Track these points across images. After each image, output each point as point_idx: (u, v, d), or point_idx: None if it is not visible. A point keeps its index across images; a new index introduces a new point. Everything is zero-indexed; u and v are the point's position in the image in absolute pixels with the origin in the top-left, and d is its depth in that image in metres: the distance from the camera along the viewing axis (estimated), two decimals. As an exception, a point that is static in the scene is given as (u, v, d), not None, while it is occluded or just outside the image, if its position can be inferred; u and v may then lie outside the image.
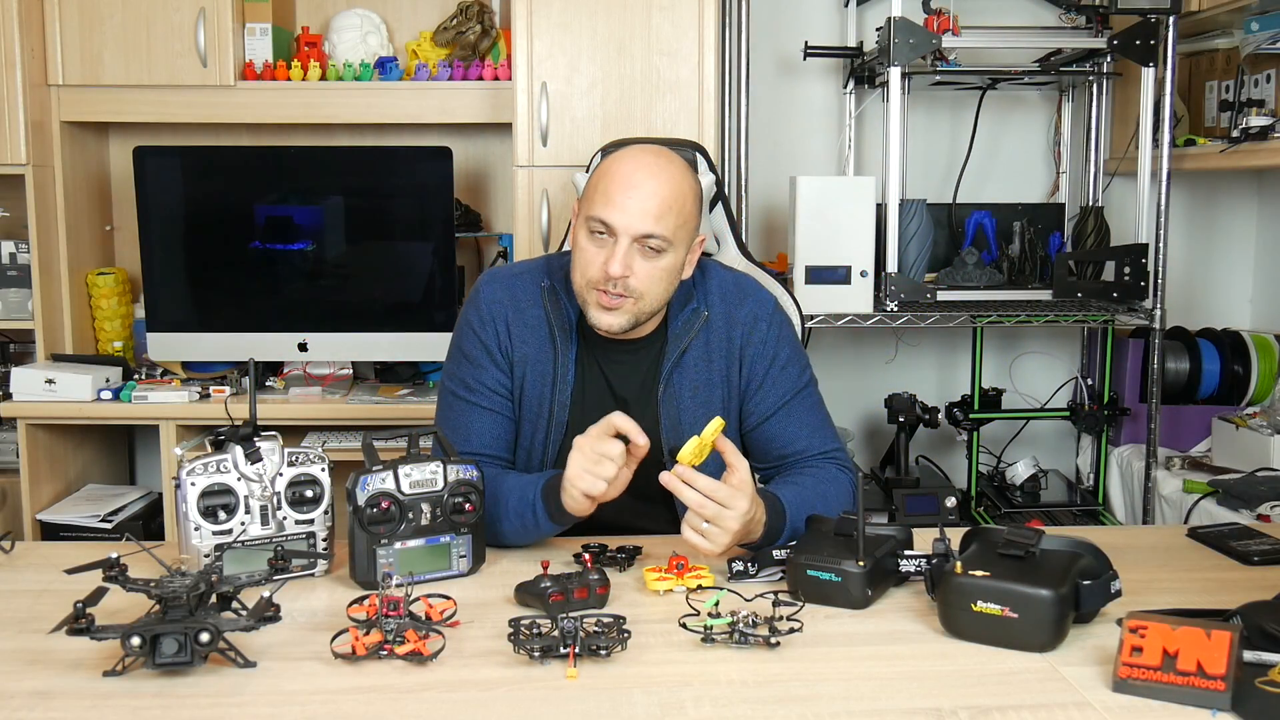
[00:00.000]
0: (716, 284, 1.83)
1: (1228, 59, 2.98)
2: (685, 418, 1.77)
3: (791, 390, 1.81)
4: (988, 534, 1.45)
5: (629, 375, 1.80)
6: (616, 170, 1.67)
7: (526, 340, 1.78)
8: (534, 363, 1.77)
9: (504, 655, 1.30)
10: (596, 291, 1.67)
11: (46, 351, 2.95)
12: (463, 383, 1.78)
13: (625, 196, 1.64)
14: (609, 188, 1.66)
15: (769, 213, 3.31)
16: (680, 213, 1.67)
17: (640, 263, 1.66)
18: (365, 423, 2.88)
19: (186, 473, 1.51)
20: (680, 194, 1.67)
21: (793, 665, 1.28)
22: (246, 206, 2.98)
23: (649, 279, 1.67)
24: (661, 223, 1.64)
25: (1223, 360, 3.13)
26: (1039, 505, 3.12)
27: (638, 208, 1.63)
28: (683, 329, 1.78)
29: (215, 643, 1.23)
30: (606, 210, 1.64)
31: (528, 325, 1.78)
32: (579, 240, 1.69)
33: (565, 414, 1.77)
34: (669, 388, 1.77)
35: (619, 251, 1.64)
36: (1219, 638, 1.18)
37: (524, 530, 1.67)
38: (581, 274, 1.69)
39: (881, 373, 3.42)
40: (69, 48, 2.88)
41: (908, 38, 2.77)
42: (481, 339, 1.78)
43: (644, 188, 1.64)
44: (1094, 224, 3.12)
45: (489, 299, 1.79)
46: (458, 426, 1.76)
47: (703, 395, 1.78)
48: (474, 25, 3.05)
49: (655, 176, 1.66)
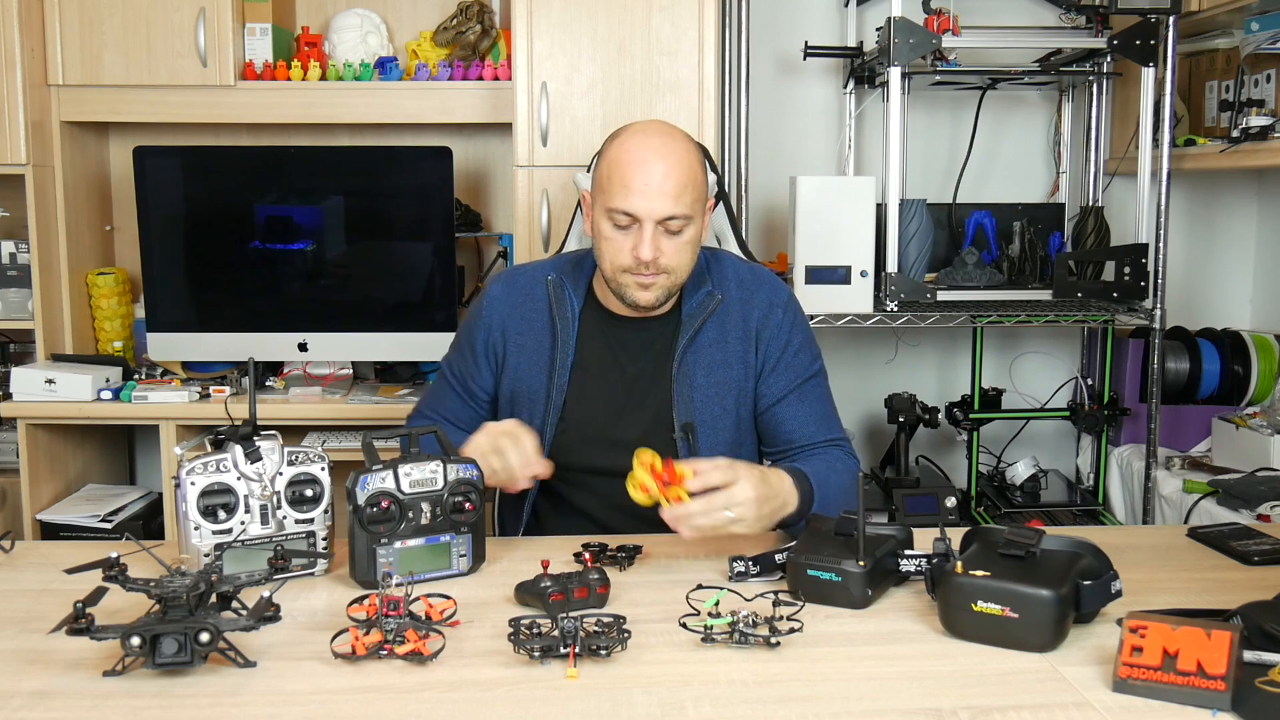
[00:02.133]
0: (732, 271, 1.89)
1: (1228, 59, 2.98)
2: (698, 395, 1.82)
3: (802, 377, 1.85)
4: (988, 534, 1.45)
5: (641, 352, 1.85)
6: (628, 159, 1.72)
7: (523, 332, 1.86)
8: (530, 351, 1.85)
9: (504, 655, 1.30)
10: (629, 275, 1.74)
11: (46, 351, 2.95)
12: (455, 371, 1.94)
13: (643, 184, 1.70)
14: (625, 177, 1.71)
15: (769, 213, 3.31)
16: (694, 185, 1.73)
17: (666, 242, 1.73)
18: (365, 423, 2.88)
19: (186, 472, 1.51)
20: (690, 167, 1.73)
21: (793, 665, 1.28)
22: (246, 206, 2.98)
23: (677, 255, 1.74)
24: (680, 201, 1.71)
25: (1223, 360, 3.13)
26: (1039, 505, 3.12)
27: (656, 192, 1.70)
28: (697, 309, 1.84)
29: (215, 643, 1.23)
30: (627, 201, 1.70)
31: (524, 318, 1.86)
32: (603, 231, 1.75)
33: (562, 396, 1.83)
34: (683, 365, 1.82)
35: (646, 236, 1.71)
36: (1219, 638, 1.18)
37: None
38: (611, 262, 1.75)
39: (881, 373, 3.42)
40: (69, 48, 2.88)
41: (908, 38, 2.77)
42: (477, 337, 1.89)
43: (658, 171, 1.70)
44: (1094, 224, 3.12)
45: (491, 297, 1.90)
46: (440, 394, 1.96)
47: (718, 374, 1.83)
48: (474, 25, 3.05)
49: (665, 158, 1.71)
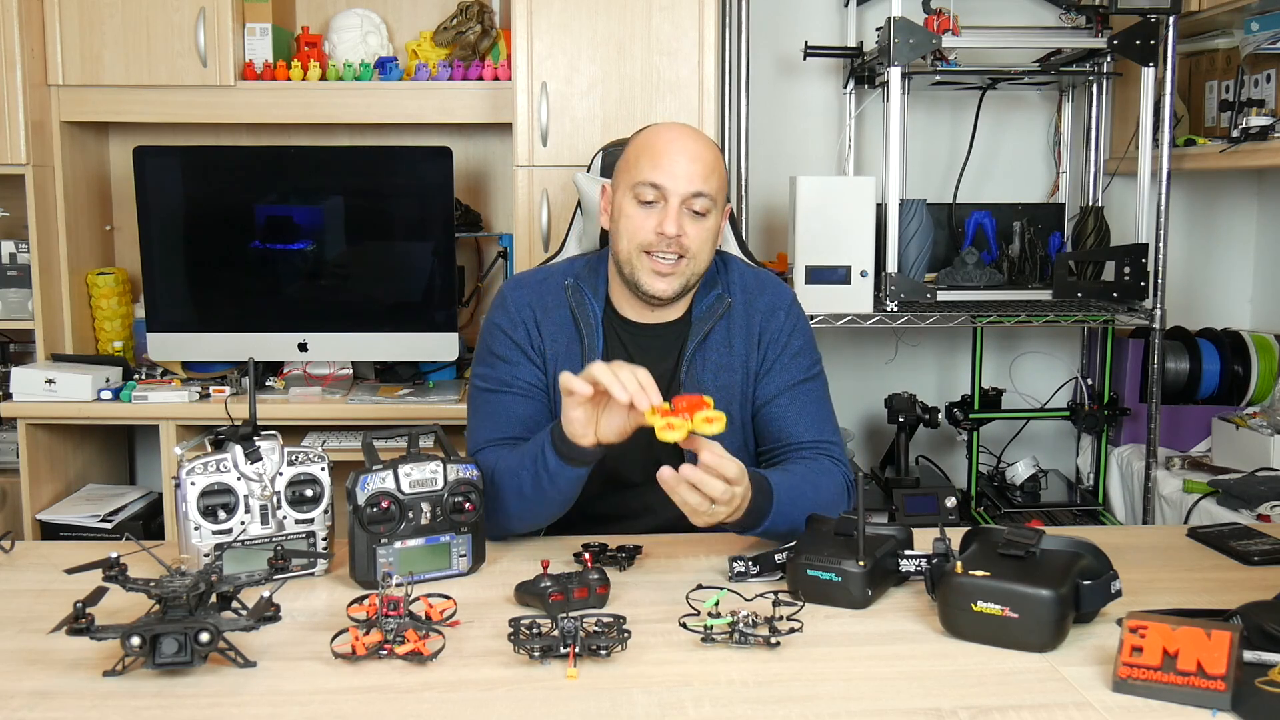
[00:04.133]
0: (738, 275, 1.89)
1: (1228, 59, 2.98)
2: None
3: (798, 378, 1.84)
4: (988, 534, 1.45)
5: (657, 360, 1.82)
6: (658, 139, 1.75)
7: (555, 337, 1.82)
8: (564, 358, 1.81)
9: (504, 655, 1.30)
10: (647, 256, 1.73)
11: (46, 351, 2.95)
12: (498, 380, 1.79)
13: (672, 160, 1.71)
14: (655, 153, 1.73)
15: (769, 213, 3.31)
16: (720, 175, 1.76)
17: (690, 224, 1.72)
18: (365, 423, 2.88)
19: (186, 472, 1.51)
20: (717, 158, 1.77)
21: (793, 665, 1.28)
22: (246, 206, 2.98)
23: (699, 240, 1.73)
24: (708, 182, 1.73)
25: (1223, 360, 3.13)
26: (1039, 505, 3.12)
27: (685, 169, 1.71)
28: (707, 313, 1.83)
29: (215, 642, 1.23)
30: (656, 173, 1.71)
31: (555, 324, 1.82)
32: (625, 209, 1.75)
33: None
34: (691, 369, 1.81)
35: (671, 211, 1.71)
36: (1219, 638, 1.18)
37: (537, 482, 1.62)
38: (630, 239, 1.74)
39: (881, 373, 3.42)
40: (69, 48, 2.88)
41: (908, 38, 2.77)
42: (513, 339, 1.81)
43: (689, 150, 1.73)
44: (1094, 224, 3.12)
45: (516, 302, 1.84)
46: (492, 412, 1.77)
47: (724, 378, 1.82)
48: (474, 25, 3.05)
49: (697, 141, 1.75)
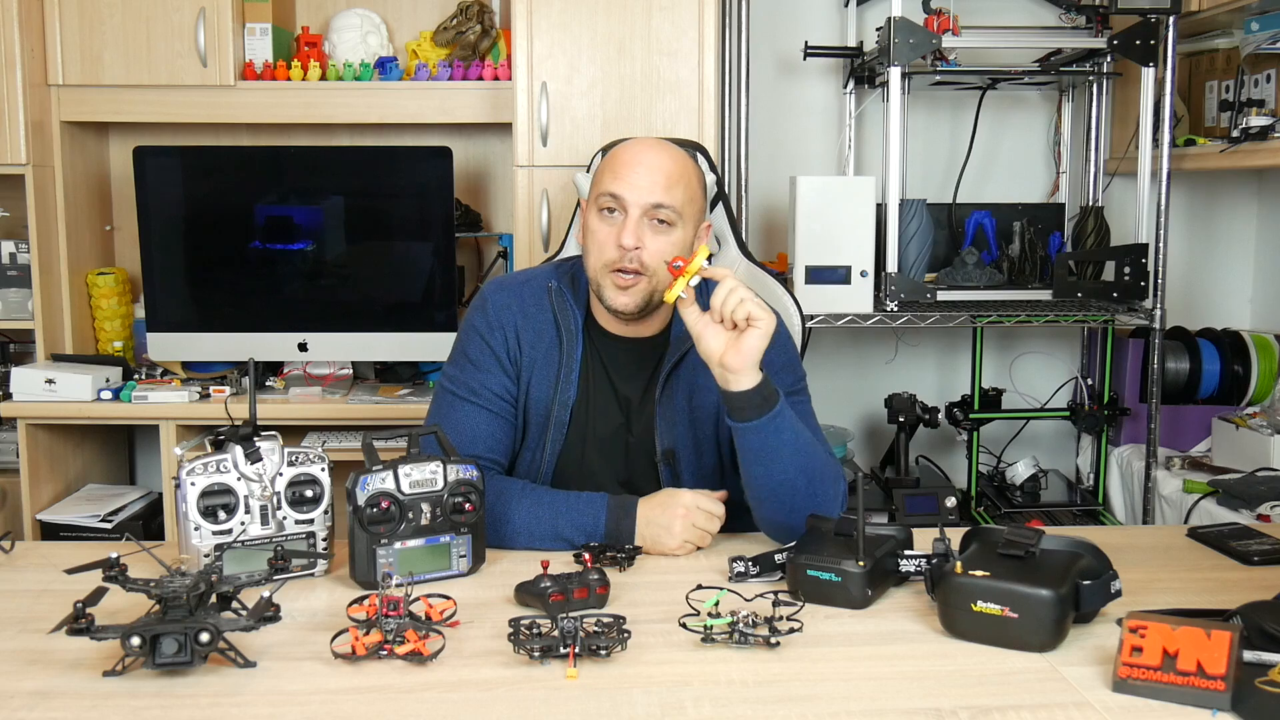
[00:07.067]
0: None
1: (1228, 59, 2.98)
2: (680, 419, 1.79)
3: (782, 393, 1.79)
4: (988, 534, 1.45)
5: (634, 375, 1.81)
6: (624, 153, 1.75)
7: (534, 344, 1.80)
8: (541, 365, 1.79)
9: (504, 655, 1.30)
10: (611, 273, 1.72)
11: (46, 351, 2.95)
12: (466, 386, 1.78)
13: (633, 171, 1.70)
14: (617, 166, 1.72)
15: (769, 213, 3.31)
16: (687, 188, 1.73)
17: (650, 236, 1.71)
18: (365, 423, 2.88)
19: (186, 473, 1.51)
20: (686, 172, 1.74)
21: (793, 665, 1.28)
22: (246, 206, 2.98)
23: (659, 254, 1.71)
24: (670, 194, 1.70)
25: (1223, 360, 3.12)
26: (1039, 505, 3.12)
27: (646, 180, 1.70)
28: (686, 333, 1.76)
29: (215, 643, 1.23)
30: (615, 184, 1.70)
31: (535, 329, 1.80)
32: (590, 225, 1.74)
33: (566, 413, 1.78)
34: (667, 389, 1.78)
35: (630, 223, 1.70)
36: (1219, 638, 1.18)
37: (559, 534, 1.67)
38: (596, 255, 1.73)
39: (881, 373, 3.42)
40: (69, 48, 2.88)
41: (908, 38, 2.77)
42: (489, 344, 1.79)
43: (651, 162, 1.71)
44: (1094, 224, 3.12)
45: (497, 305, 1.81)
46: (460, 427, 1.76)
47: (699, 399, 1.79)
48: (474, 25, 3.05)
49: (661, 154, 1.73)
